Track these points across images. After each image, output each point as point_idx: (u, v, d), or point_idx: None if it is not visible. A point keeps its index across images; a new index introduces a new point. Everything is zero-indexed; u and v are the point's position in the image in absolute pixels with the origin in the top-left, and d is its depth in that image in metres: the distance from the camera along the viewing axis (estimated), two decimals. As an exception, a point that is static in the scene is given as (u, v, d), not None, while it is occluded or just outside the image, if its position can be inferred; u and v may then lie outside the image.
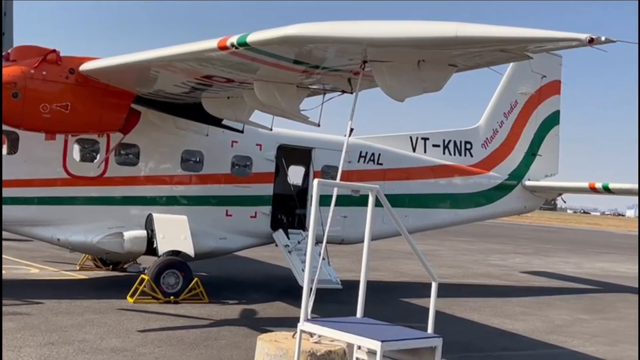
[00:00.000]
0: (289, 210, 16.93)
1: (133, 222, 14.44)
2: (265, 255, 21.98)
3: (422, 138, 19.59)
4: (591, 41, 6.78)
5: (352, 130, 9.17)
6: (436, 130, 20.13)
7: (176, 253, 13.98)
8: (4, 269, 14.99)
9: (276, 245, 16.01)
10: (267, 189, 16.21)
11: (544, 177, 21.59)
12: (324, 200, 7.95)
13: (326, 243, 9.32)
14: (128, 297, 13.32)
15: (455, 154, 20.04)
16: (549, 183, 21.52)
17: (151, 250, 14.25)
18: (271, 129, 14.93)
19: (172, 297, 13.47)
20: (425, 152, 19.50)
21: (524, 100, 21.55)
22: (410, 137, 19.45)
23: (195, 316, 12.39)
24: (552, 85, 22.05)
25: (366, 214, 7.74)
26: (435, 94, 9.64)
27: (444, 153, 19.83)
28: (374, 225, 7.87)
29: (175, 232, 14.14)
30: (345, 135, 9.18)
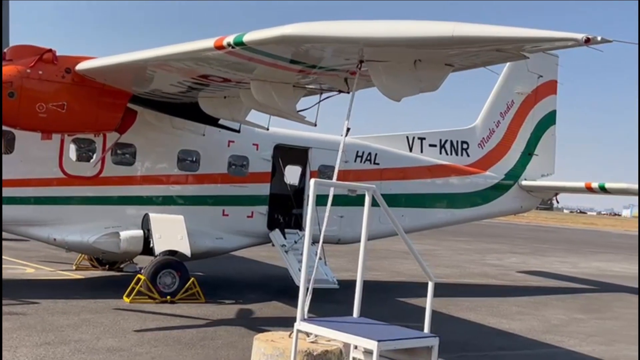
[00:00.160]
0: (286, 210, 16.92)
1: (129, 221, 14.43)
2: (262, 255, 21.98)
3: (419, 138, 19.61)
4: (587, 41, 6.79)
5: (348, 129, 9.18)
6: (433, 130, 20.15)
7: (173, 253, 13.97)
8: (0, 269, 14.96)
9: (273, 245, 16.01)
10: (263, 189, 16.21)
11: (540, 176, 21.62)
12: (321, 200, 7.96)
13: (323, 243, 9.31)
14: (124, 297, 13.31)
15: (451, 154, 20.05)
16: (546, 183, 21.54)
17: (148, 250, 14.25)
18: (268, 129, 14.95)
19: (168, 297, 13.46)
20: (422, 151, 19.52)
21: (521, 100, 21.58)
22: (407, 137, 19.46)
23: (191, 316, 12.38)
24: (548, 85, 22.07)
25: (363, 213, 7.75)
26: (432, 93, 9.65)
27: (440, 153, 19.84)
28: (370, 225, 7.88)
29: (171, 232, 14.13)
30: (341, 135, 9.18)
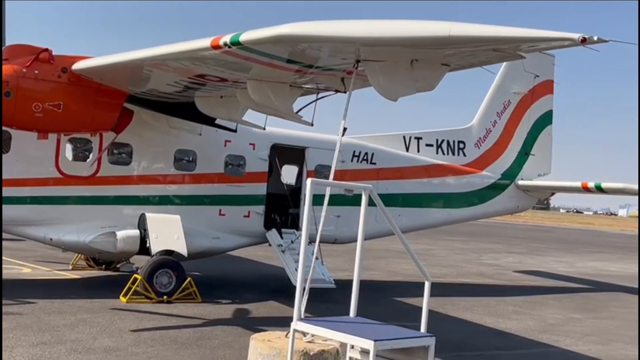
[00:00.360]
0: (283, 209, 16.92)
1: (126, 221, 14.41)
2: (259, 254, 21.97)
3: (416, 137, 19.62)
4: (584, 41, 6.80)
5: (345, 129, 9.17)
6: (429, 130, 20.16)
7: (169, 252, 13.96)
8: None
9: (269, 245, 16.00)
10: (260, 189, 16.20)
11: (536, 176, 21.64)
12: (318, 199, 7.94)
13: (319, 242, 9.31)
14: (121, 297, 13.29)
15: (448, 154, 20.07)
16: (542, 182, 21.56)
17: (144, 249, 14.23)
18: (264, 129, 14.95)
19: (165, 297, 13.44)
20: (419, 151, 19.53)
21: (517, 99, 21.59)
22: (404, 137, 19.48)
23: (188, 316, 12.37)
24: (545, 84, 22.09)
25: (359, 213, 7.74)
26: (429, 93, 9.66)
27: (437, 152, 19.86)
28: (367, 224, 7.86)
29: (168, 232, 14.12)
30: (338, 135, 9.18)
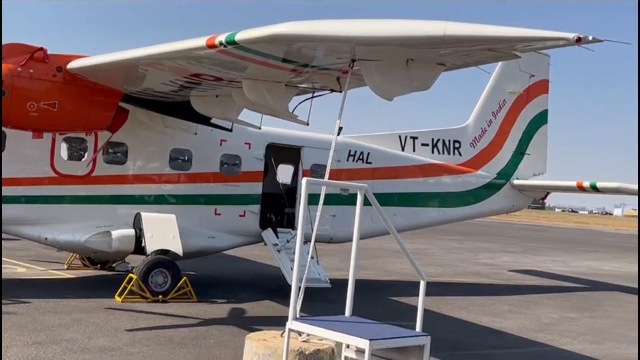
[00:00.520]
0: (278, 209, 16.90)
1: (121, 221, 14.38)
2: (255, 254, 21.95)
3: (411, 137, 19.63)
4: (578, 40, 6.80)
5: (340, 128, 9.18)
6: (425, 129, 20.17)
7: (164, 252, 13.93)
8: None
9: (265, 244, 16.00)
10: (256, 188, 16.19)
11: (532, 176, 21.68)
12: (313, 199, 7.95)
13: (315, 242, 9.31)
14: (116, 297, 13.27)
15: (444, 153, 20.09)
16: (537, 182, 21.60)
17: (139, 249, 14.21)
18: (260, 128, 14.93)
19: (160, 296, 13.43)
20: (414, 151, 19.54)
21: (513, 99, 21.62)
22: (399, 136, 19.48)
23: (183, 315, 12.35)
24: (540, 84, 22.13)
25: (355, 212, 7.75)
26: (424, 92, 9.66)
27: (432, 152, 19.87)
28: (362, 224, 7.87)
29: (163, 231, 14.09)
30: (334, 134, 9.18)
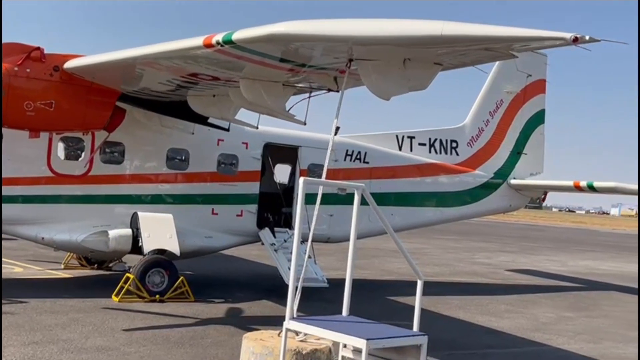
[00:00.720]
0: (275, 208, 16.89)
1: (118, 220, 14.37)
2: (252, 253, 21.95)
3: (408, 137, 19.63)
4: (575, 40, 6.80)
5: (338, 128, 9.17)
6: (422, 129, 20.18)
7: (162, 252, 13.92)
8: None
9: (262, 244, 16.00)
10: (253, 188, 16.18)
11: (529, 175, 21.70)
12: (310, 198, 7.94)
13: (312, 241, 9.31)
14: (113, 296, 13.25)
15: (441, 153, 20.10)
16: (534, 181, 21.62)
17: (136, 249, 14.19)
18: (257, 127, 14.94)
19: (157, 296, 13.42)
20: (412, 150, 19.55)
21: (510, 99, 21.64)
22: (397, 136, 19.48)
23: (180, 315, 12.34)
24: (537, 84, 22.14)
25: (352, 212, 7.75)
26: (421, 92, 9.66)
27: (430, 152, 19.88)
28: (360, 223, 7.87)
29: (160, 231, 14.08)
30: (331, 134, 9.18)
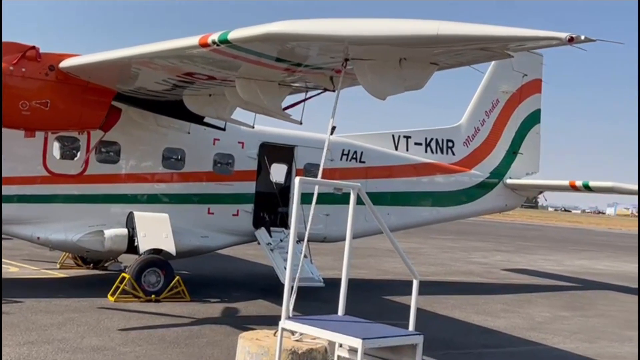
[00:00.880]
0: (272, 208, 16.89)
1: (114, 220, 14.35)
2: (248, 253, 21.94)
3: (404, 136, 19.65)
4: (571, 40, 6.82)
5: (334, 128, 9.18)
6: (418, 129, 20.19)
7: (157, 251, 13.91)
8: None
9: (258, 244, 15.99)
10: (249, 187, 16.17)
11: (525, 175, 21.75)
12: (306, 198, 7.94)
13: (308, 241, 9.31)
14: (109, 296, 13.24)
15: (437, 152, 20.12)
16: (530, 181, 21.67)
17: (132, 248, 14.17)
18: (253, 127, 14.93)
19: (153, 296, 13.40)
20: (408, 150, 19.56)
21: (505, 98, 21.68)
22: (393, 135, 19.50)
23: (176, 315, 12.34)
24: (533, 84, 22.19)
25: (348, 212, 7.75)
26: (417, 92, 9.68)
27: (426, 151, 19.90)
28: (356, 223, 7.87)
29: (156, 230, 14.07)
30: (327, 133, 9.18)
